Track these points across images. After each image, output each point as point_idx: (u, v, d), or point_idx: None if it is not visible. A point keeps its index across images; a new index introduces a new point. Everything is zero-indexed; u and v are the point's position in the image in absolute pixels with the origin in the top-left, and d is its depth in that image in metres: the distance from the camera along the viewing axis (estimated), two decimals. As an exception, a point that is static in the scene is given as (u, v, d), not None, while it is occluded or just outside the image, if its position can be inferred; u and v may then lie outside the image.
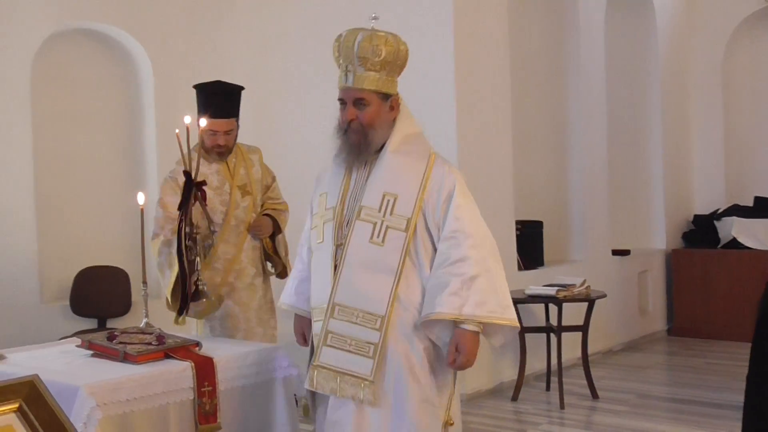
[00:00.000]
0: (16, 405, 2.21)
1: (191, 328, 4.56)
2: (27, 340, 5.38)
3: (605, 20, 7.84)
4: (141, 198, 3.77)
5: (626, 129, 8.59)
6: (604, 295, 6.33)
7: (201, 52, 6.91)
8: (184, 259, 3.66)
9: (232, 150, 4.44)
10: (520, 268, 6.81)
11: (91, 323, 6.57)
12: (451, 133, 6.16)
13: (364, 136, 3.07)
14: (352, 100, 3.08)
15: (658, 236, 8.62)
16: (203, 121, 4.07)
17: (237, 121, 4.42)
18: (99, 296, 6.57)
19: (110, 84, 6.94)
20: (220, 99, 4.29)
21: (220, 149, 4.34)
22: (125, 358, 3.22)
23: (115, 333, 3.50)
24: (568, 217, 7.65)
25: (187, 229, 3.67)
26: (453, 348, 2.98)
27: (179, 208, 3.72)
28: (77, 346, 3.46)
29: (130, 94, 6.98)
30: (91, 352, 3.39)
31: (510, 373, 6.45)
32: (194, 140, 3.94)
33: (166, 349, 3.27)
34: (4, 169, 6.30)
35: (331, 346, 3.05)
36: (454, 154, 6.14)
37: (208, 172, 4.29)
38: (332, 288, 3.06)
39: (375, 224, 3.04)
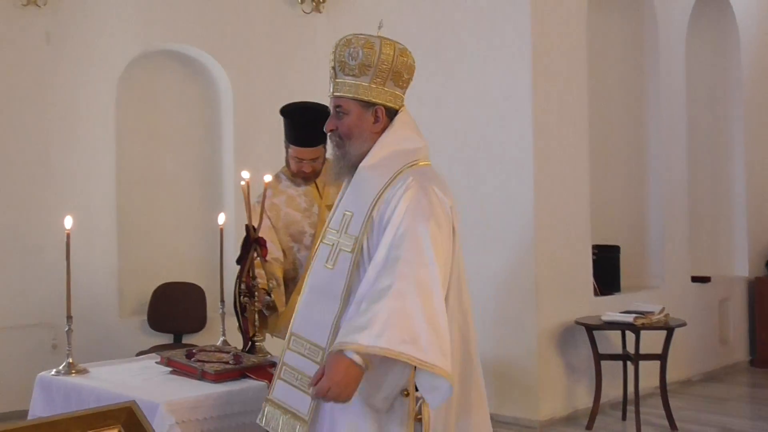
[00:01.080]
0: (116, 430, 2.30)
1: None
2: (106, 354, 5.50)
3: (686, 42, 7.69)
4: (221, 218, 3.82)
5: (707, 151, 8.38)
6: (684, 324, 6.17)
7: (280, 74, 7.00)
8: (239, 314, 3.62)
9: (320, 173, 4.40)
10: (596, 294, 6.70)
11: (167, 338, 6.68)
12: (527, 157, 6.11)
13: (342, 147, 2.78)
14: (333, 109, 2.80)
15: (740, 263, 8.37)
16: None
17: (324, 146, 4.38)
18: (175, 312, 6.69)
19: (191, 104, 7.09)
20: (306, 128, 4.27)
21: (305, 175, 4.33)
22: (203, 376, 3.25)
23: (193, 351, 3.53)
24: (646, 242, 7.49)
25: (243, 286, 3.57)
26: (320, 370, 2.52)
27: (238, 262, 3.64)
28: (156, 362, 3.50)
29: (210, 114, 7.11)
30: (170, 369, 3.43)
31: (585, 401, 6.32)
32: (255, 192, 3.76)
33: (244, 369, 3.29)
34: (89, 186, 6.49)
35: (283, 379, 2.78)
36: (530, 178, 6.09)
37: (296, 194, 4.27)
38: (293, 316, 2.83)
39: (332, 246, 2.74)
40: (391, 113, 2.77)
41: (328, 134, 2.82)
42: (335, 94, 2.77)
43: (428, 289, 2.50)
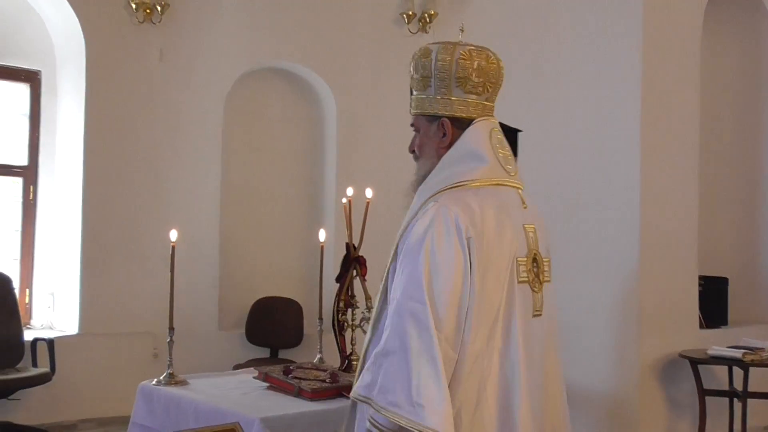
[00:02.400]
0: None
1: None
2: (204, 365, 5.59)
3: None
4: (322, 235, 3.84)
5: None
6: (797, 362, 5.87)
7: (385, 93, 7.00)
8: (337, 332, 3.61)
9: None
10: (701, 326, 6.44)
11: (263, 352, 6.75)
12: (634, 183, 5.94)
13: (417, 169, 2.57)
14: (412, 129, 2.60)
15: None
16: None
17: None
18: (273, 326, 6.76)
19: (295, 121, 7.19)
20: None
21: None
22: (300, 393, 3.25)
23: (291, 367, 3.54)
24: (757, 275, 7.17)
25: (341, 304, 3.58)
26: None
27: (337, 280, 3.64)
28: (254, 377, 3.53)
29: (314, 131, 7.19)
30: (267, 384, 3.45)
31: (687, 438, 6.08)
32: (357, 209, 3.72)
33: (340, 388, 3.27)
34: (194, 200, 6.65)
35: None
36: (637, 205, 5.92)
37: None
38: None
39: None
40: (464, 124, 2.48)
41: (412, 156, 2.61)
42: (411, 113, 2.58)
43: (418, 338, 2.20)
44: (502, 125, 2.70)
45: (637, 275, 5.90)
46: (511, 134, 4.21)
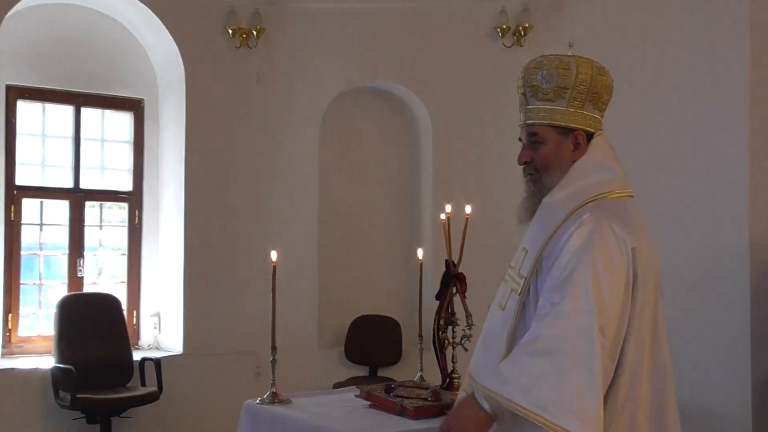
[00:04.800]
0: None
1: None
2: (305, 383, 5.65)
3: None
4: (420, 253, 3.83)
5: None
6: None
7: (480, 109, 6.94)
8: (437, 350, 3.57)
9: None
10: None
11: (363, 370, 6.76)
12: (743, 195, 5.73)
13: (538, 181, 2.53)
14: (527, 139, 2.55)
15: None
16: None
17: None
18: (372, 345, 6.76)
19: (391, 139, 7.21)
20: None
21: None
22: (402, 412, 3.23)
23: (392, 386, 3.52)
24: None
25: (442, 321, 3.53)
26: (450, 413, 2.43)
27: (437, 297, 3.61)
28: (356, 395, 3.53)
29: (410, 149, 7.20)
30: (369, 402, 3.44)
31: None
32: (456, 226, 3.65)
33: (443, 406, 3.23)
34: (293, 220, 6.74)
35: None
36: (745, 217, 5.70)
37: None
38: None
39: (507, 284, 2.52)
40: (589, 138, 2.52)
41: (522, 167, 2.58)
42: (528, 122, 2.54)
43: (580, 345, 2.22)
44: None
45: (747, 290, 5.69)
46: None
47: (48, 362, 5.93)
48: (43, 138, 6.56)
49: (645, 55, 6.35)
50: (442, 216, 3.63)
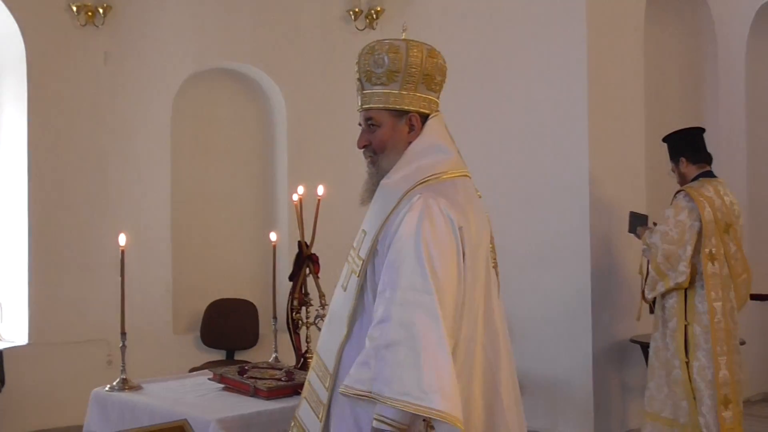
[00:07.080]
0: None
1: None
2: (160, 370, 5.54)
3: (746, 55, 7.51)
4: (273, 236, 3.84)
5: None
6: (743, 342, 5.98)
7: (334, 90, 6.98)
8: (291, 331, 3.60)
9: None
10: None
11: (220, 354, 6.71)
12: (583, 175, 6.03)
13: (376, 163, 2.58)
14: (365, 123, 2.60)
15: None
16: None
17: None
18: (228, 328, 6.71)
19: (245, 121, 7.15)
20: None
21: None
22: (256, 393, 3.24)
23: (246, 367, 3.53)
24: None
25: (295, 302, 3.58)
26: None
27: (290, 278, 3.65)
28: (209, 379, 3.51)
29: (264, 131, 7.16)
30: (223, 385, 3.43)
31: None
32: (308, 207, 3.70)
33: (296, 386, 3.27)
34: (144, 203, 6.58)
35: (305, 397, 2.65)
36: (586, 198, 6.00)
37: None
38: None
39: (349, 265, 2.57)
40: (424, 119, 2.58)
41: (362, 151, 2.63)
42: (364, 107, 2.59)
43: (427, 325, 2.28)
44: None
45: (588, 265, 6.00)
46: (698, 132, 5.17)
47: None
48: None
49: (491, 39, 6.55)
50: (295, 197, 3.65)
